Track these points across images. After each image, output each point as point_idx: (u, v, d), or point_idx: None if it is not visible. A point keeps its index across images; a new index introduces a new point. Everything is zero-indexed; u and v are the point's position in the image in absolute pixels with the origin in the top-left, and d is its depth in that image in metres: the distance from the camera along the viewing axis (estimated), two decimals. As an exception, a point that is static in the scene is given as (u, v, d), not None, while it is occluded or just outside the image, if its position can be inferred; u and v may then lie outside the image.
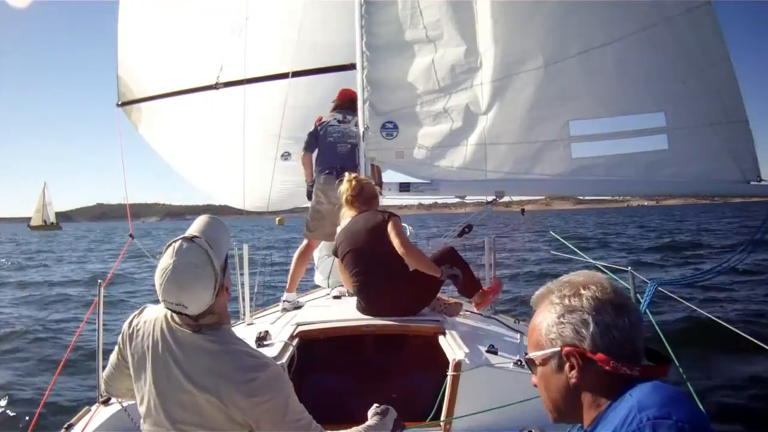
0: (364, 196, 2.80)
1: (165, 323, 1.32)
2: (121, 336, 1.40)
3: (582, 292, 0.80)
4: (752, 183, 2.75)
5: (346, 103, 3.67)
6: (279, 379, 1.32)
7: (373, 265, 2.57)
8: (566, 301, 0.81)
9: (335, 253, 2.82)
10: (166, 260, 1.25)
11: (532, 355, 0.85)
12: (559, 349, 0.80)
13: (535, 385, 0.88)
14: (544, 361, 0.83)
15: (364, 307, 2.63)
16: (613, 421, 0.72)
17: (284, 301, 3.26)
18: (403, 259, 2.51)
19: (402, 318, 2.51)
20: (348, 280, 2.76)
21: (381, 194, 3.31)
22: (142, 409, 1.35)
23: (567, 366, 0.80)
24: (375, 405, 1.61)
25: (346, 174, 2.96)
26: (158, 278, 1.25)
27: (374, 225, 2.63)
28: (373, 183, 3.12)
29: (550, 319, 0.82)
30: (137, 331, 1.35)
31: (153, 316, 1.37)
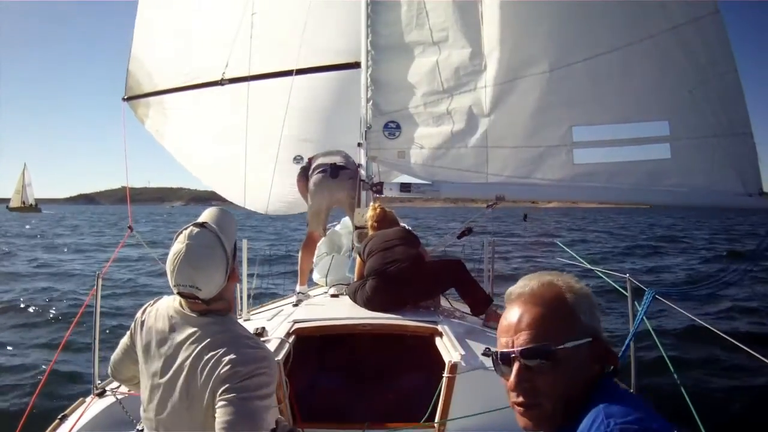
0: (388, 221, 2.99)
1: (173, 310, 1.33)
2: (134, 321, 1.41)
3: (587, 291, 0.81)
4: (753, 196, 2.74)
5: None
6: (269, 361, 1.28)
7: (399, 252, 2.72)
8: (591, 298, 0.80)
9: (360, 252, 2.92)
10: (177, 245, 1.27)
11: (568, 344, 0.76)
12: (589, 339, 0.77)
13: (512, 389, 0.81)
14: (564, 352, 0.76)
15: (377, 288, 2.63)
16: (582, 424, 0.73)
17: (298, 293, 3.35)
18: (423, 260, 2.83)
19: (399, 318, 2.51)
20: (361, 274, 2.87)
21: (381, 193, 3.32)
22: (144, 395, 1.35)
23: (588, 358, 0.77)
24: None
25: (371, 203, 3.17)
26: (171, 263, 1.26)
27: (408, 235, 2.90)
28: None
29: (584, 307, 0.79)
30: (149, 317, 1.36)
31: (165, 304, 1.37)
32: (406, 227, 3.03)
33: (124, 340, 1.45)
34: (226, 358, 1.22)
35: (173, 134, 4.72)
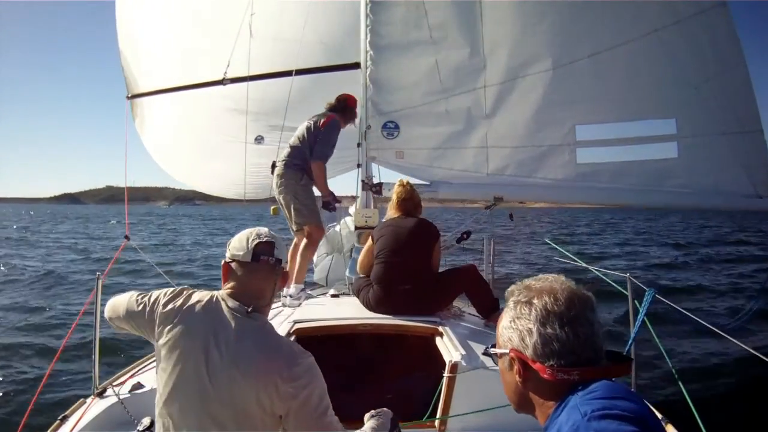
0: (414, 202, 2.85)
1: (216, 306, 1.33)
2: (158, 298, 1.37)
3: (534, 301, 0.82)
4: (764, 198, 2.64)
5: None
6: (317, 369, 1.35)
7: (407, 264, 2.62)
8: (518, 308, 0.84)
9: (373, 236, 2.81)
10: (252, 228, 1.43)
11: (491, 350, 0.90)
12: (507, 351, 0.84)
13: None
14: (501, 357, 0.88)
15: (379, 300, 2.59)
16: (556, 424, 0.76)
17: (288, 296, 3.31)
18: (429, 266, 2.68)
19: (400, 318, 2.50)
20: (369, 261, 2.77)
21: (381, 193, 3.30)
22: (166, 390, 1.32)
23: (514, 368, 0.84)
24: (372, 411, 1.59)
25: (399, 179, 3.03)
26: (249, 231, 1.40)
27: (422, 233, 2.71)
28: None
29: (505, 321, 0.86)
30: (185, 301, 1.34)
31: (205, 296, 1.36)
32: (424, 218, 2.86)
33: (134, 302, 1.39)
34: (282, 364, 1.27)
35: (151, 132, 4.69)
